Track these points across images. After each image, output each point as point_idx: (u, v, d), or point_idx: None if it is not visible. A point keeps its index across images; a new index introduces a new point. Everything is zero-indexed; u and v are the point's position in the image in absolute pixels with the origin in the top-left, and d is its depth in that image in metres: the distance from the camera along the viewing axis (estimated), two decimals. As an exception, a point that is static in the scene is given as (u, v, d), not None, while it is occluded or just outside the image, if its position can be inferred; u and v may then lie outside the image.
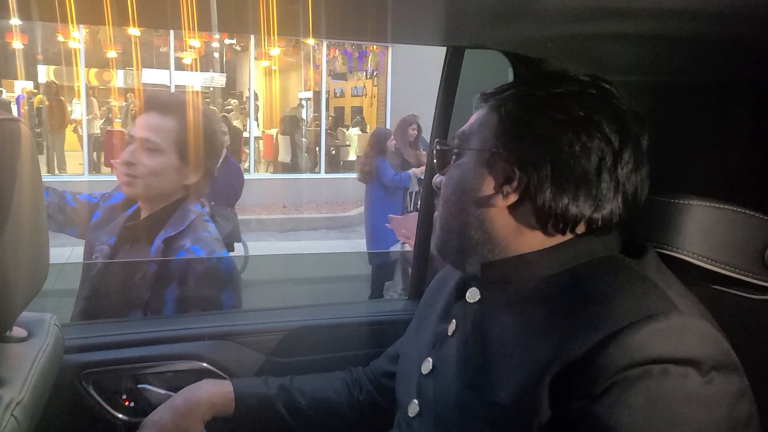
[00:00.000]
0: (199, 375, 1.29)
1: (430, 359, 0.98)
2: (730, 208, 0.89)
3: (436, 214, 1.02)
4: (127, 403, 1.28)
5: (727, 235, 0.90)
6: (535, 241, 0.89)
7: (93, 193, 1.85)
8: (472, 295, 0.96)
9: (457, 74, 1.39)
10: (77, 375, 1.24)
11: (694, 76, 0.99)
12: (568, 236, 0.88)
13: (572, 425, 0.74)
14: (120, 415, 1.28)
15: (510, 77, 1.36)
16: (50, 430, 0.98)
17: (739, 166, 0.94)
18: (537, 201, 0.85)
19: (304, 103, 13.66)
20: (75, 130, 11.35)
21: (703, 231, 0.90)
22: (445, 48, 1.40)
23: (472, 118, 0.97)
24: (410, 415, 0.97)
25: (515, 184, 0.87)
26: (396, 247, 4.69)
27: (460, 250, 0.95)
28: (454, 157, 0.98)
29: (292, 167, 12.13)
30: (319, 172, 12.04)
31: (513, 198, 0.88)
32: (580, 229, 0.87)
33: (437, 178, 1.03)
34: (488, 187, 0.90)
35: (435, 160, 1.02)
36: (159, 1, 1.01)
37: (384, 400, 1.20)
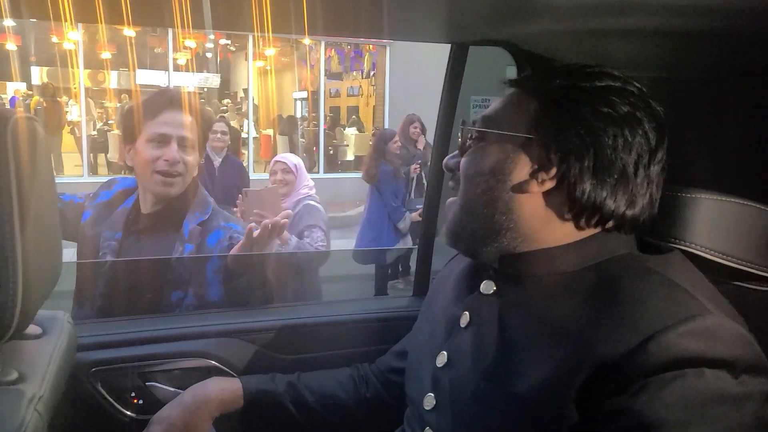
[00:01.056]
0: (207, 372, 1.30)
1: (445, 352, 0.97)
2: (738, 201, 0.90)
3: (451, 199, 1.00)
4: (135, 401, 1.29)
5: (735, 228, 0.90)
6: (562, 233, 0.88)
7: (77, 193, 1.85)
8: (487, 287, 0.96)
9: (461, 71, 1.39)
10: (86, 372, 1.25)
11: (698, 70, 1.00)
12: (593, 231, 0.88)
13: (604, 422, 0.74)
14: (129, 413, 1.28)
15: (511, 74, 1.37)
16: (61, 427, 0.98)
17: (745, 158, 0.95)
18: (575, 191, 0.85)
19: (300, 103, 13.64)
20: (72, 132, 11.31)
21: (711, 224, 0.91)
22: (447, 46, 1.41)
23: (498, 103, 0.96)
24: (426, 408, 0.97)
25: (553, 171, 0.86)
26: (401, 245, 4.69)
27: (479, 235, 0.93)
28: (479, 139, 0.96)
29: (292, 167, 12.10)
30: (318, 172, 12.03)
31: (549, 185, 0.87)
32: (609, 224, 0.87)
33: (452, 160, 1.01)
34: (522, 171, 0.89)
35: (459, 140, 1.00)
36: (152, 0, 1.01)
37: (391, 396, 1.20)
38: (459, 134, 1.00)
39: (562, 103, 0.88)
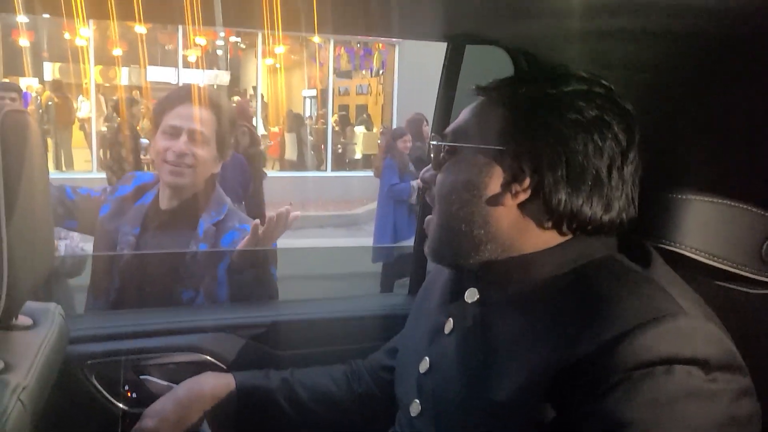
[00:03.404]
0: (201, 367, 1.31)
1: (427, 358, 0.98)
2: (728, 203, 0.89)
3: (429, 217, 0.99)
4: (129, 394, 1.29)
5: (725, 230, 0.90)
6: (541, 239, 0.88)
7: (93, 187, 1.87)
8: (471, 294, 0.96)
9: (457, 70, 1.39)
10: (80, 365, 1.26)
11: (693, 72, 0.99)
12: (570, 236, 0.88)
13: (576, 424, 0.74)
14: (122, 406, 1.29)
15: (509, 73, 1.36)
16: (54, 419, 0.99)
17: (737, 160, 0.94)
18: (551, 201, 0.85)
19: (309, 101, 13.68)
20: (82, 128, 11.39)
21: (700, 225, 0.90)
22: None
23: (466, 113, 0.96)
24: (412, 414, 0.97)
25: (526, 182, 0.86)
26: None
27: (460, 251, 0.93)
28: (449, 154, 0.95)
29: (299, 165, 12.16)
30: (326, 170, 12.06)
31: (523, 197, 0.87)
32: (588, 228, 0.87)
33: (427, 173, 1.01)
34: (495, 184, 0.88)
35: (432, 156, 0.99)
36: None
37: (382, 392, 1.20)
38: (430, 149, 1.00)
39: (529, 112, 0.87)
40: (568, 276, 0.86)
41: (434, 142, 0.98)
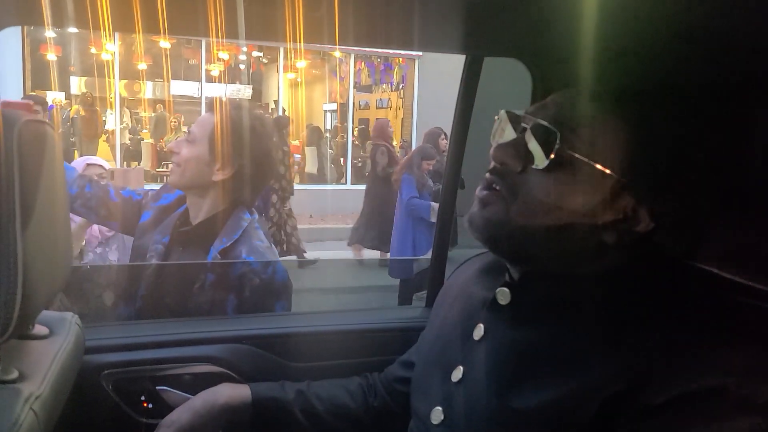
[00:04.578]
0: (217, 378, 1.30)
1: (461, 367, 0.94)
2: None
3: (494, 196, 0.87)
4: (145, 405, 1.29)
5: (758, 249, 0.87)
6: (606, 262, 0.84)
7: (136, 189, 1.90)
8: (503, 296, 0.91)
9: (475, 83, 1.39)
10: (97, 375, 1.26)
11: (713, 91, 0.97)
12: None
13: None
14: (138, 416, 1.29)
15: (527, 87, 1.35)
16: (70, 428, 1.00)
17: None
18: (664, 247, 0.82)
19: (330, 115, 13.76)
20: (107, 140, 11.58)
21: (736, 245, 0.88)
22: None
23: (584, 118, 0.84)
24: (434, 422, 0.94)
25: (643, 226, 0.81)
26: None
27: (522, 251, 0.87)
28: (561, 157, 0.81)
29: (319, 178, 12.22)
30: (345, 183, 12.10)
31: (628, 240, 0.82)
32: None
33: (502, 152, 0.87)
34: (604, 219, 0.81)
35: (535, 142, 0.84)
36: (189, 10, 1.03)
37: (397, 405, 1.19)
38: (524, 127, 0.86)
39: (659, 140, 0.80)
40: (617, 291, 0.82)
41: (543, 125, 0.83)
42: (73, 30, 10.26)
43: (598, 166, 0.80)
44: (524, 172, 0.85)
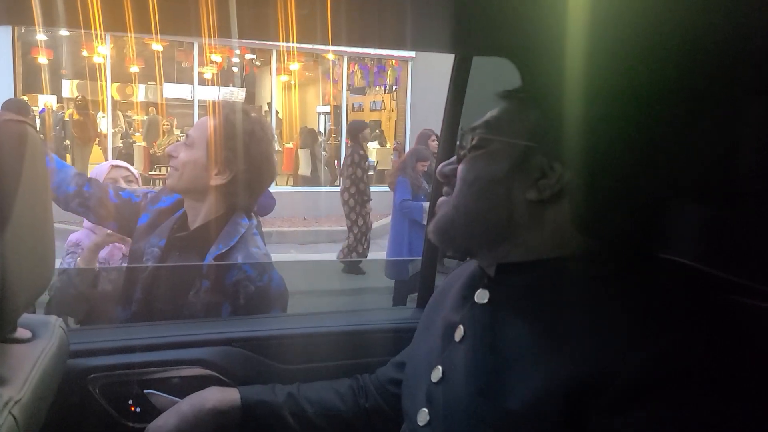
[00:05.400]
0: (206, 381, 1.29)
1: (440, 367, 0.95)
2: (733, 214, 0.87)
3: (443, 198, 0.98)
4: (133, 409, 1.28)
5: (730, 242, 0.88)
6: (561, 245, 0.87)
7: (135, 190, 1.89)
8: (481, 296, 0.94)
9: (464, 82, 1.38)
10: (84, 379, 1.24)
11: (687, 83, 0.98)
12: (594, 243, 0.86)
13: None
14: (126, 420, 1.27)
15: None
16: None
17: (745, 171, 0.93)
18: (578, 202, 0.85)
19: (324, 117, 13.77)
20: (99, 144, 11.55)
21: (708, 237, 0.88)
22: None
23: (497, 112, 0.96)
24: (420, 424, 0.95)
25: (555, 178, 0.85)
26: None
27: (473, 238, 0.93)
28: (477, 147, 0.94)
29: (312, 180, 12.21)
30: (339, 186, 12.10)
31: (549, 193, 0.86)
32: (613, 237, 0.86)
33: (447, 167, 1.00)
34: (523, 180, 0.88)
35: (460, 143, 0.98)
36: (181, 9, 1.02)
37: (389, 407, 1.19)
38: (458, 141, 0.99)
39: (561, 111, 0.87)
40: (586, 283, 0.84)
41: (463, 130, 0.99)
42: (64, 33, 10.25)
43: (507, 140, 0.91)
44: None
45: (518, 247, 0.89)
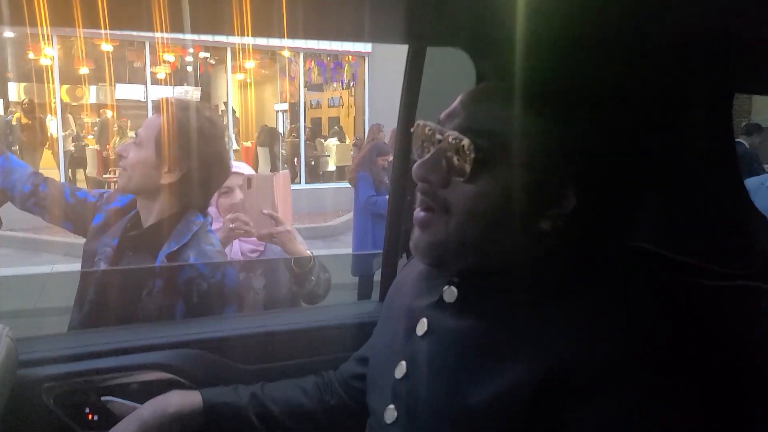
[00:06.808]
0: (166, 385, 1.26)
1: (404, 362, 0.94)
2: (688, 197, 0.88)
3: (431, 216, 0.87)
4: (90, 417, 1.24)
5: (686, 225, 0.90)
6: (534, 251, 0.84)
7: (91, 191, 1.85)
8: (449, 294, 0.91)
9: (419, 73, 1.38)
10: (37, 389, 1.20)
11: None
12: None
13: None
14: (82, 430, 1.24)
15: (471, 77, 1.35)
16: (8, 446, 0.95)
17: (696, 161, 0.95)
18: (589, 230, 0.83)
19: (282, 115, 13.65)
20: (49, 147, 11.23)
21: (664, 221, 0.90)
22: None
23: (497, 117, 0.83)
24: (387, 421, 0.93)
25: (570, 206, 0.81)
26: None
27: (464, 259, 0.86)
28: (481, 162, 0.81)
29: (272, 179, 12.10)
30: (300, 183, 12.02)
31: (561, 222, 0.82)
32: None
33: (422, 169, 0.87)
34: (532, 205, 0.81)
35: (429, 136, 0.87)
36: (131, 2, 0.99)
37: (354, 402, 1.18)
38: (427, 132, 0.88)
39: (575, 128, 0.81)
40: (555, 279, 0.83)
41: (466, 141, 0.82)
42: (8, 35, 9.91)
43: (517, 163, 0.80)
44: (450, 185, 0.85)
45: (500, 261, 0.86)
